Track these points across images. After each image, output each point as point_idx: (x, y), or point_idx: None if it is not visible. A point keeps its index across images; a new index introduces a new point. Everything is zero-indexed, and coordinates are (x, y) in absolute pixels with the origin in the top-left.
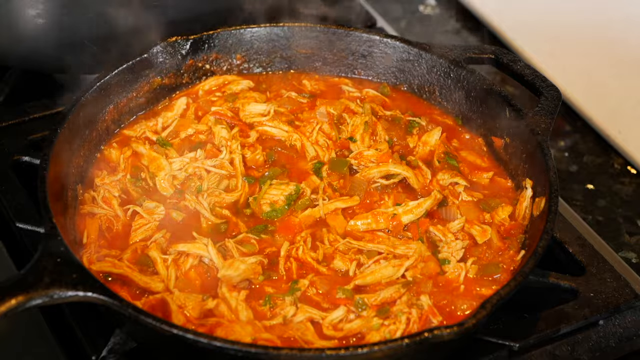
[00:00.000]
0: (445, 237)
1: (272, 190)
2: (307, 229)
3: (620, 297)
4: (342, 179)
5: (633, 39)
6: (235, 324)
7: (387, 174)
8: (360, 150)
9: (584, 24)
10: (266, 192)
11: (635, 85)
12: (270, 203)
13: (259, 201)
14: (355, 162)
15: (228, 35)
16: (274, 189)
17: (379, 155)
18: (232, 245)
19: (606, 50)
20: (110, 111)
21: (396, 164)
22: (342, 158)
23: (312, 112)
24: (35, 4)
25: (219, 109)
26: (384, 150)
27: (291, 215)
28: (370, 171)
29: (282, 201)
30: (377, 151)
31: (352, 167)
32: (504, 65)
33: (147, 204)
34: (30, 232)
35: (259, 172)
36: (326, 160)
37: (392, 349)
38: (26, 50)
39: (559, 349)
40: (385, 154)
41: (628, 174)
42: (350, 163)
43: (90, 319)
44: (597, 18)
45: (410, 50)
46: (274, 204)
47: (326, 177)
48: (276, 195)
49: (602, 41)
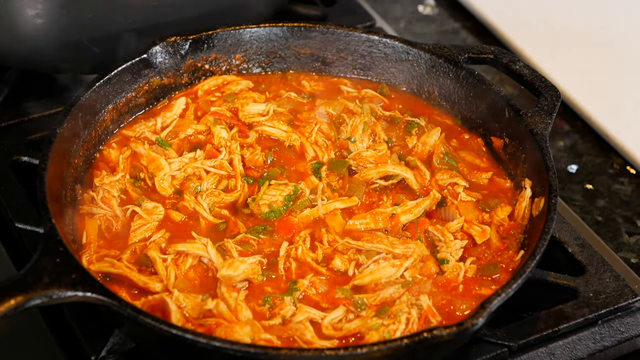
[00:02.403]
0: (444, 237)
1: (271, 191)
2: (305, 229)
3: (620, 297)
4: (341, 179)
5: (633, 39)
6: (235, 324)
7: (386, 174)
8: (359, 151)
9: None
10: (265, 193)
11: (635, 86)
12: (269, 204)
13: (257, 202)
14: (354, 163)
15: (227, 35)
16: (272, 189)
17: (377, 156)
18: (231, 245)
19: (606, 50)
20: (110, 111)
21: (395, 165)
22: (341, 159)
23: (312, 112)
24: (35, 4)
25: (218, 109)
26: (382, 151)
27: (290, 216)
28: (369, 172)
29: (280, 202)
30: (375, 152)
31: (351, 168)
32: (503, 66)
33: (146, 204)
34: (29, 232)
35: (258, 173)
36: (325, 161)
37: (392, 349)
38: (26, 50)
39: (558, 349)
40: (384, 155)
41: (627, 174)
42: (349, 164)
43: (89, 319)
44: (596, 18)
45: (409, 51)
46: (273, 204)
47: (325, 178)
48: (274, 196)
49: (602, 41)
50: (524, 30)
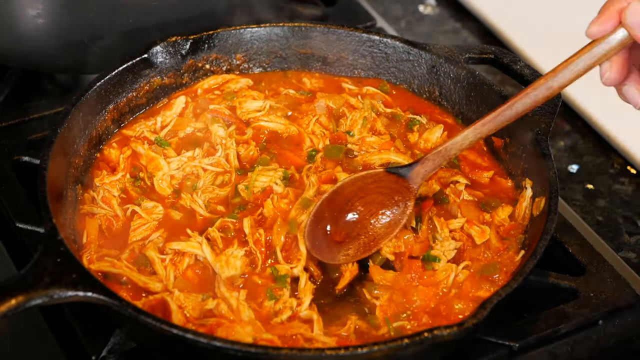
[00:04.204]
0: (442, 232)
1: (262, 177)
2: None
3: (620, 297)
4: (339, 165)
5: None
6: (236, 324)
7: (388, 162)
8: (362, 136)
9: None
10: (256, 180)
11: None
12: (262, 189)
13: (251, 189)
14: (356, 147)
15: (228, 35)
16: (262, 175)
17: (381, 143)
18: (217, 234)
19: None
20: (110, 111)
21: (398, 154)
22: (338, 144)
23: (311, 105)
24: (36, 3)
25: (216, 106)
26: (386, 139)
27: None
28: (371, 157)
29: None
30: (379, 138)
31: (352, 152)
32: (504, 65)
33: (145, 204)
34: (30, 232)
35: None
36: (321, 148)
37: (392, 349)
38: (26, 50)
39: (558, 348)
40: (387, 143)
41: (628, 174)
42: (349, 149)
43: (90, 319)
44: None
45: (410, 51)
46: (267, 190)
47: (319, 164)
48: (266, 183)
49: None
50: (525, 30)
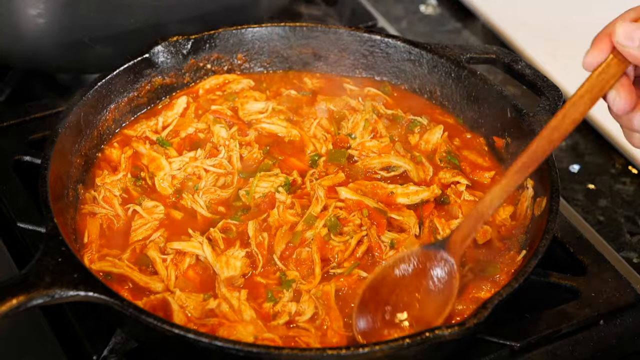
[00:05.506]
0: (443, 232)
1: (263, 183)
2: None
3: (621, 297)
4: (341, 170)
5: None
6: (238, 324)
7: (389, 165)
8: (362, 140)
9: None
10: (257, 185)
11: None
12: (263, 195)
13: (251, 194)
14: (356, 153)
15: (229, 35)
16: (264, 181)
17: (381, 147)
18: (218, 235)
19: None
20: (112, 111)
21: (398, 157)
22: (341, 149)
23: (312, 108)
24: (36, 3)
25: (218, 107)
26: (385, 142)
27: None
28: (371, 161)
29: (273, 193)
30: (379, 142)
31: (353, 158)
32: (505, 66)
33: (146, 204)
34: (31, 231)
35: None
36: (324, 152)
37: (393, 349)
38: (27, 49)
39: (560, 348)
40: (387, 146)
41: (629, 173)
42: (350, 154)
43: (91, 318)
44: (598, 18)
45: (411, 51)
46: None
47: (322, 168)
48: (267, 188)
49: None
50: (526, 30)
